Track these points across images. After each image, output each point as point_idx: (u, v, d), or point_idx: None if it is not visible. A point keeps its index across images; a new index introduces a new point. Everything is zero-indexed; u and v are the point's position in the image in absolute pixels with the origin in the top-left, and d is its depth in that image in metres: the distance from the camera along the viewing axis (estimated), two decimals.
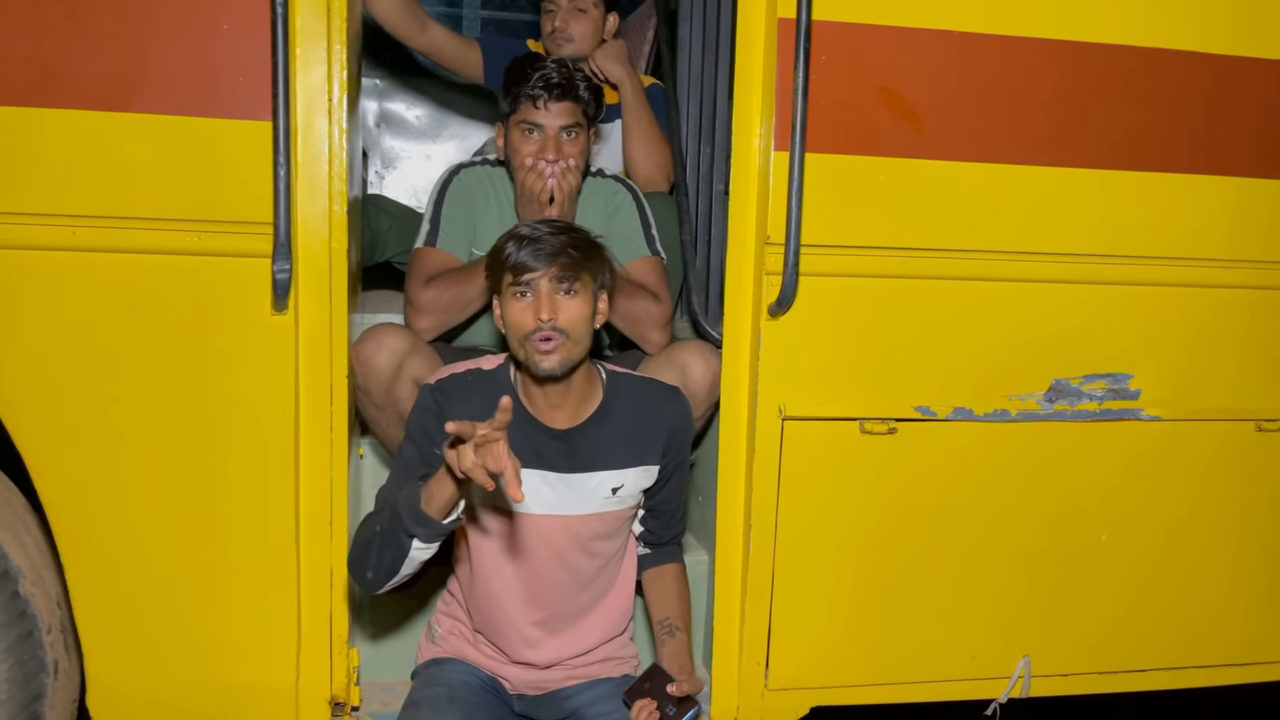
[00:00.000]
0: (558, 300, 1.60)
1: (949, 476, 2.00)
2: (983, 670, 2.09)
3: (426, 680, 1.80)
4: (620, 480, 1.73)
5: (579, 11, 2.47)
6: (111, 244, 1.63)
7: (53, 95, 1.58)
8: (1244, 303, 2.07)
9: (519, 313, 1.61)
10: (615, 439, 1.73)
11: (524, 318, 1.60)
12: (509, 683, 1.82)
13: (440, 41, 2.50)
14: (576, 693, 1.81)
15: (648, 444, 1.75)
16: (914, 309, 1.92)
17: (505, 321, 1.64)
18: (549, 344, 1.59)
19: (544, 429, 1.69)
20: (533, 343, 1.59)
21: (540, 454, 1.69)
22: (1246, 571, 2.16)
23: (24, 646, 1.81)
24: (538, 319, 1.58)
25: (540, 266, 1.59)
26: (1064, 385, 2.01)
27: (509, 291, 1.62)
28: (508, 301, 1.63)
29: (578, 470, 1.71)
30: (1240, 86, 1.99)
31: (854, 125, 1.83)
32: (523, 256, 1.59)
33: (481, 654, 1.82)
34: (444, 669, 1.81)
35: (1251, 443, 2.11)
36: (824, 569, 1.98)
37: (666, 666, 1.73)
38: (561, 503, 1.71)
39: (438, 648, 1.86)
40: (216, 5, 1.62)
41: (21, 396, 1.65)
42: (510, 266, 1.60)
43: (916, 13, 1.83)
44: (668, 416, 1.76)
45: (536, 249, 1.59)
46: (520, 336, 1.61)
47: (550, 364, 1.59)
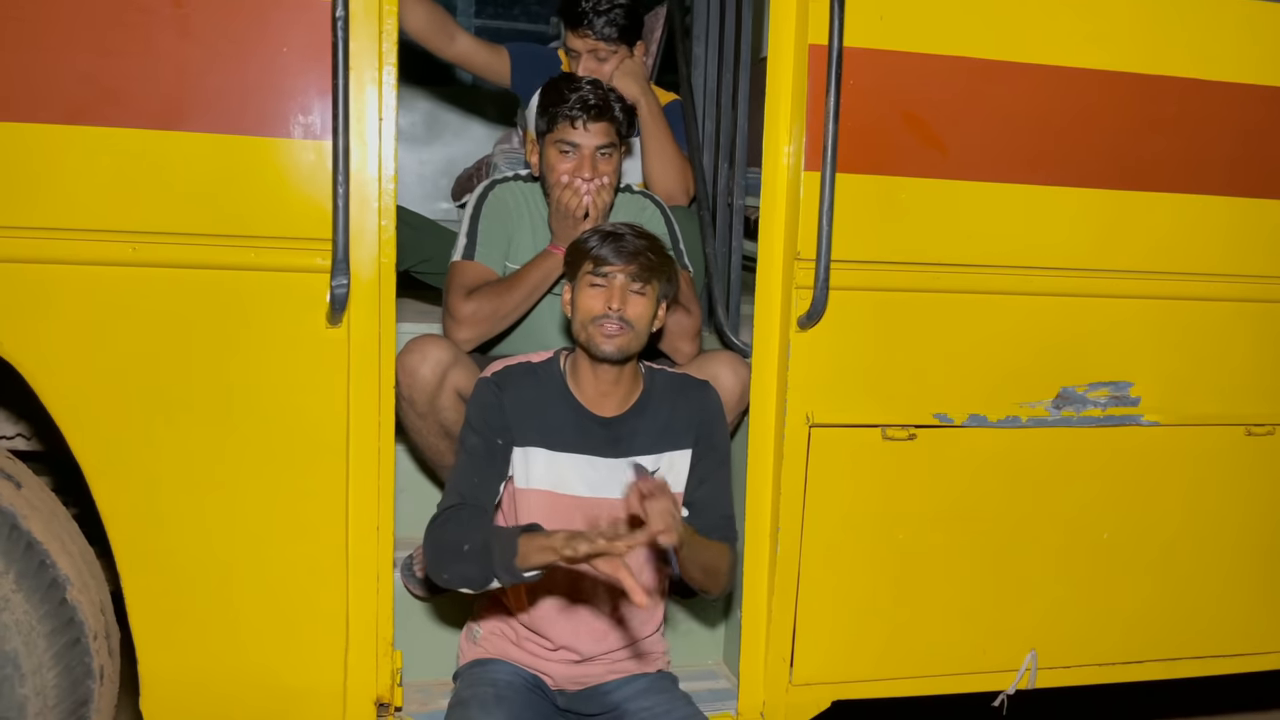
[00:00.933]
0: (629, 295, 1.76)
1: (964, 480, 2.10)
2: (992, 664, 2.20)
3: (471, 680, 1.87)
4: (655, 464, 1.86)
5: (598, 60, 2.52)
6: (171, 259, 1.68)
7: (115, 115, 1.62)
8: (1234, 314, 2.20)
9: (592, 298, 1.76)
10: (653, 427, 1.87)
11: (595, 303, 1.76)
12: (551, 679, 1.89)
13: (470, 51, 2.56)
14: (616, 687, 1.89)
15: (680, 431, 1.88)
16: (933, 321, 2.02)
17: (575, 306, 1.79)
18: (614, 330, 1.74)
19: (591, 416, 1.84)
20: (599, 326, 1.75)
21: (586, 439, 1.83)
22: (1238, 567, 2.29)
23: (72, 653, 1.85)
24: (608, 306, 1.75)
25: (620, 262, 1.75)
26: (1070, 393, 2.12)
27: (585, 279, 1.77)
28: (582, 288, 1.78)
29: (619, 455, 1.84)
30: (1233, 111, 2.11)
31: (880, 147, 1.92)
32: (605, 250, 1.75)
33: (525, 651, 1.89)
34: (488, 669, 1.88)
35: (1242, 446, 2.23)
36: (846, 569, 2.07)
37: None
38: (604, 485, 1.83)
39: (480, 649, 1.92)
40: (277, 30, 1.67)
41: (82, 408, 1.69)
42: (592, 257, 1.76)
43: (940, 41, 1.93)
44: (698, 404, 1.91)
45: (619, 246, 1.76)
46: (588, 319, 1.76)
47: (610, 348, 1.75)
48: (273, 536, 1.80)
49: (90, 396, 1.68)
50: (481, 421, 1.80)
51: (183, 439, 1.73)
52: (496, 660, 1.90)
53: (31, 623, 1.79)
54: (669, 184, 2.44)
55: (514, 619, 1.90)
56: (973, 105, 1.97)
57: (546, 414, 1.83)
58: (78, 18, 1.59)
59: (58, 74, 1.59)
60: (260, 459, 1.77)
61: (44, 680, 1.81)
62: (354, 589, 1.84)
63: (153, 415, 1.71)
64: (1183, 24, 2.06)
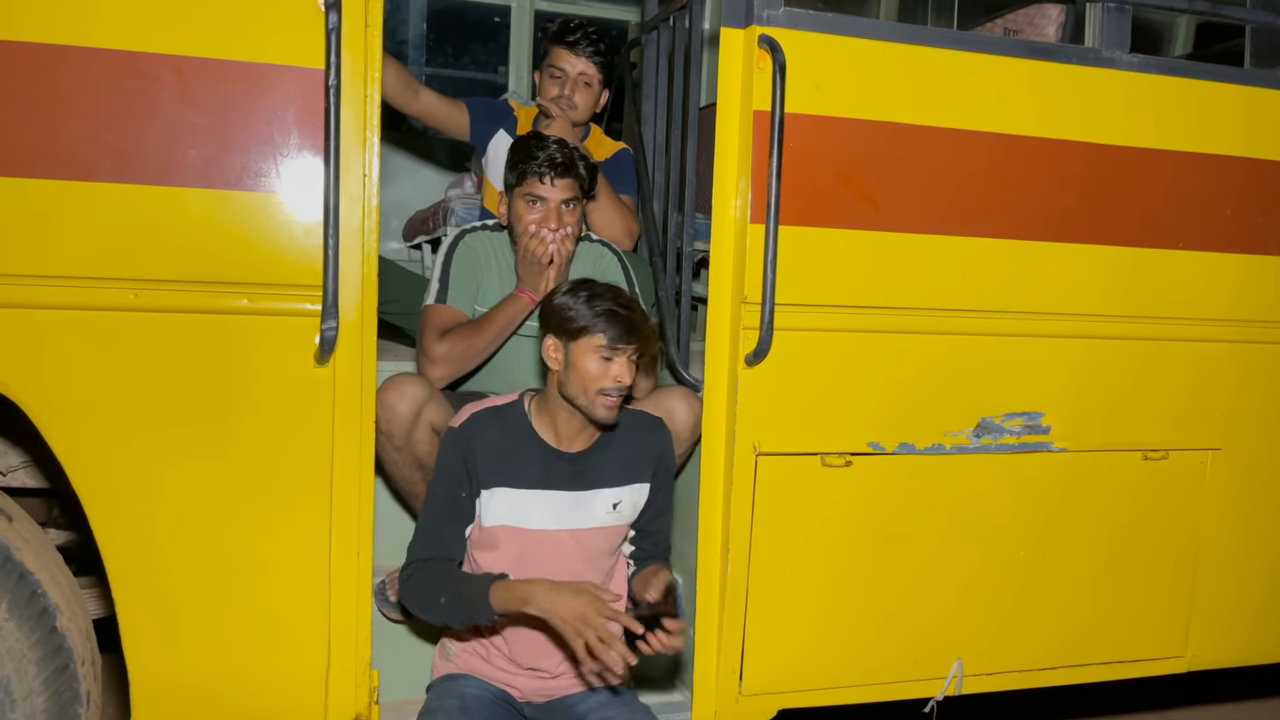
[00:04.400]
0: (631, 367, 1.91)
1: (895, 503, 2.30)
2: (924, 672, 2.39)
3: (441, 692, 2.00)
4: (619, 496, 2.02)
5: (585, 85, 2.72)
6: (170, 305, 1.80)
7: (120, 172, 1.75)
8: (1133, 351, 2.43)
9: (599, 367, 1.88)
10: (615, 461, 2.02)
11: (603, 376, 1.88)
12: (518, 691, 2.03)
13: (431, 106, 2.72)
14: (580, 699, 2.04)
15: (640, 465, 2.04)
16: (867, 358, 2.22)
17: (577, 369, 1.88)
18: (614, 403, 1.90)
19: (557, 453, 1.98)
20: (604, 397, 1.89)
21: (552, 476, 1.97)
22: (1140, 580, 2.52)
23: (61, 679, 1.93)
24: (616, 380, 1.88)
25: (633, 342, 1.89)
26: (989, 423, 2.35)
27: (594, 351, 1.87)
28: (589, 357, 1.88)
29: (585, 488, 1.99)
30: (1127, 170, 2.37)
31: (818, 202, 2.13)
32: (618, 330, 1.87)
33: (494, 667, 2.03)
34: (458, 683, 2.02)
35: (1140, 469, 2.47)
36: (790, 587, 2.25)
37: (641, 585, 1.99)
38: (571, 518, 1.98)
39: (452, 664, 2.06)
40: (271, 94, 1.81)
41: (83, 443, 1.79)
42: (603, 332, 1.86)
43: (870, 107, 2.15)
44: (656, 442, 2.07)
45: (629, 328, 1.88)
46: (593, 389, 1.88)
47: (610, 417, 1.92)
48: (260, 562, 1.91)
49: (91, 433, 1.79)
50: (448, 475, 1.93)
51: (177, 472, 1.84)
52: (466, 675, 2.03)
53: (23, 650, 1.88)
54: (614, 231, 2.61)
55: (485, 639, 2.04)
56: (899, 165, 2.19)
57: (513, 455, 1.95)
58: (87, 83, 1.72)
59: (67, 134, 1.71)
60: (250, 490, 1.88)
61: (34, 706, 1.89)
62: (335, 611, 1.96)
63: (150, 450, 1.82)
64: (1082, 94, 2.31)
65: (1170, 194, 2.40)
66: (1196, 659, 2.61)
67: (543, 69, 2.78)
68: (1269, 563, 2.62)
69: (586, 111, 2.74)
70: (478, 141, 2.84)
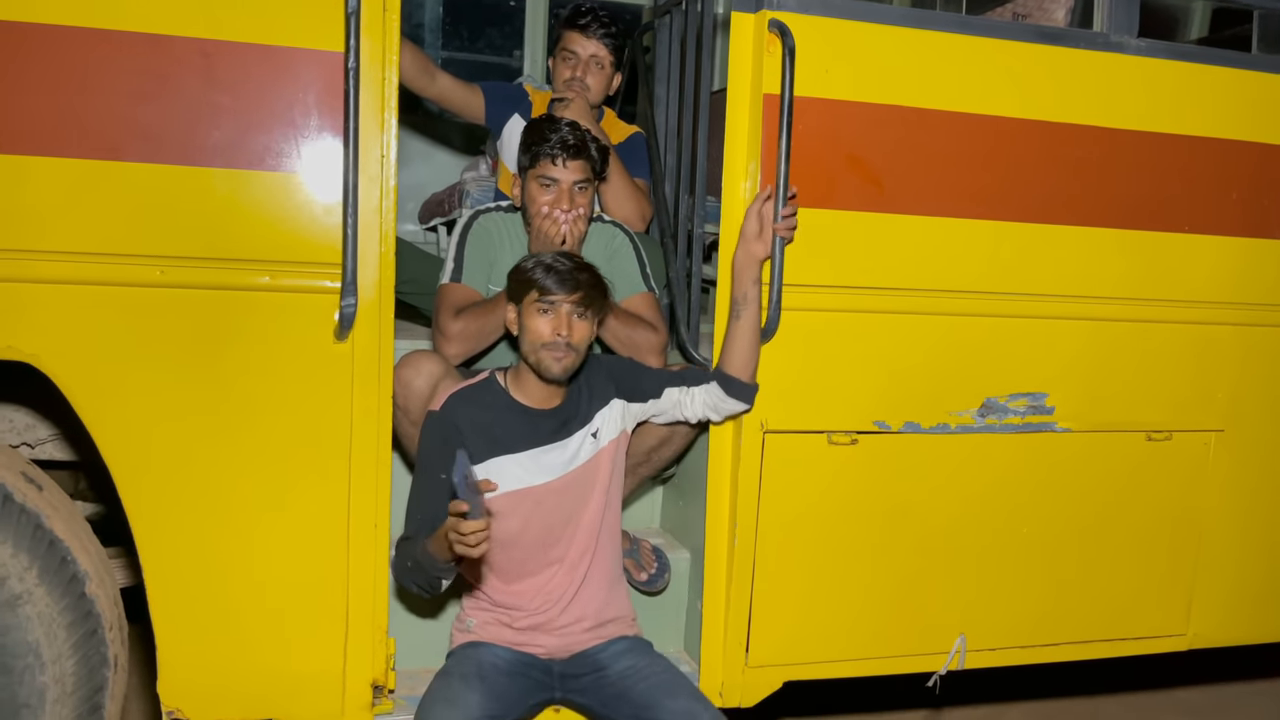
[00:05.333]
0: (573, 321, 1.97)
1: (900, 480, 2.34)
2: (927, 647, 2.44)
3: (461, 658, 2.07)
4: (594, 425, 2.12)
5: (598, 67, 2.76)
6: (194, 281, 1.86)
7: (148, 152, 1.80)
8: (1138, 333, 2.47)
9: (540, 324, 1.97)
10: (584, 399, 2.12)
11: (543, 330, 1.96)
12: (544, 649, 2.09)
13: (448, 90, 2.76)
14: (600, 650, 2.10)
15: (600, 390, 2.14)
16: (874, 338, 2.26)
17: (524, 329, 1.99)
18: (560, 354, 1.97)
19: (537, 413, 2.07)
20: (548, 351, 1.97)
21: (540, 433, 2.06)
22: (1144, 559, 2.56)
23: (89, 643, 2.00)
24: (556, 334, 1.96)
25: (564, 293, 1.96)
26: (994, 403, 2.39)
27: (533, 306, 1.97)
28: (530, 314, 1.98)
29: (566, 435, 2.09)
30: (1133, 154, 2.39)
31: (826, 184, 2.17)
32: (549, 283, 1.95)
33: (518, 630, 2.09)
34: (478, 650, 2.08)
35: (1143, 450, 2.51)
36: (796, 562, 2.30)
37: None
38: (563, 464, 2.08)
39: (473, 635, 2.12)
40: (294, 77, 1.86)
41: (112, 416, 1.85)
42: (538, 286, 1.96)
43: (879, 91, 2.18)
44: (603, 368, 2.17)
45: (561, 279, 1.96)
46: (537, 344, 1.97)
47: (558, 370, 1.98)
48: (282, 533, 1.97)
49: (119, 405, 1.85)
50: (430, 458, 2.01)
51: (202, 443, 1.90)
52: (488, 644, 2.09)
53: (53, 614, 1.95)
54: (626, 213, 2.66)
55: (497, 607, 2.10)
56: (907, 148, 2.22)
57: (498, 426, 2.03)
58: (117, 66, 1.77)
59: (97, 115, 1.77)
60: (272, 462, 1.94)
61: (64, 668, 1.97)
62: (354, 581, 2.02)
63: (175, 422, 1.88)
64: (1090, 78, 2.33)
65: (1176, 178, 2.42)
66: (1198, 637, 2.65)
67: (556, 53, 2.82)
68: (1271, 544, 2.65)
69: (599, 93, 2.78)
70: (493, 125, 2.89)
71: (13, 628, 1.92)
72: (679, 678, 2.07)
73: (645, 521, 2.72)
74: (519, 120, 2.81)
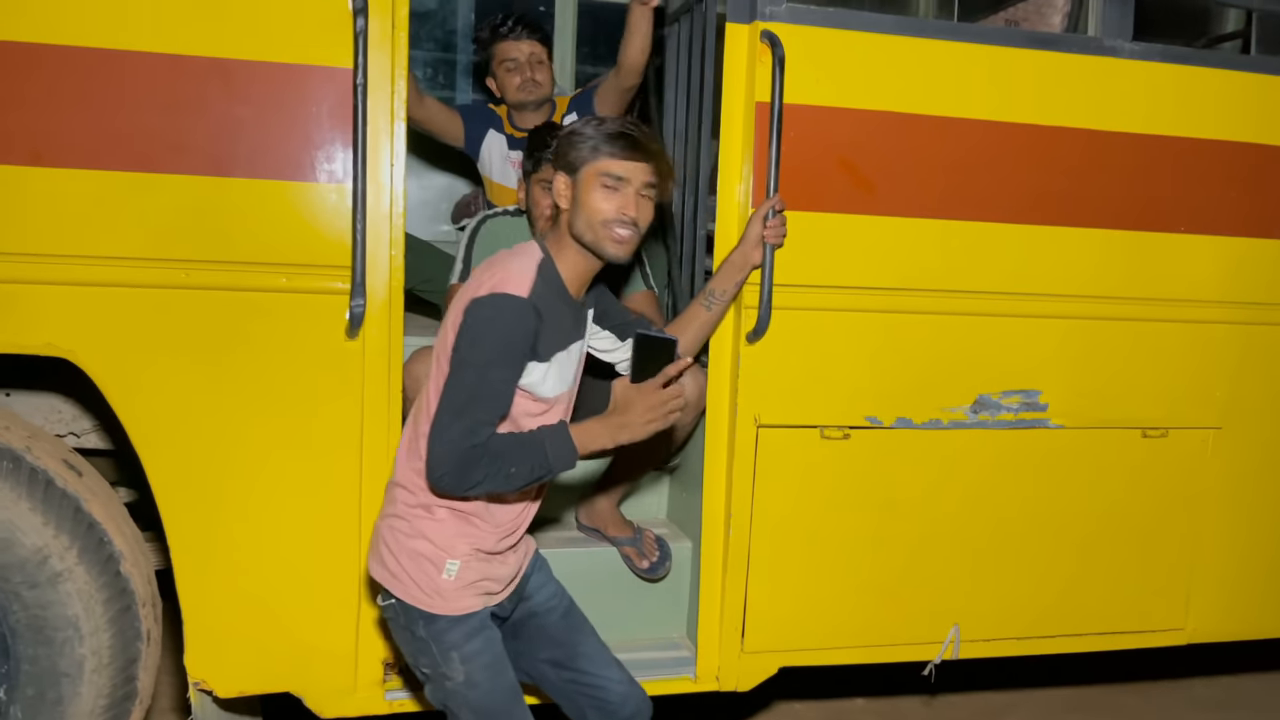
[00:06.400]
0: (641, 202, 1.80)
1: (893, 475, 2.42)
2: (921, 637, 2.52)
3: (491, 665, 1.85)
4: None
5: (539, 63, 2.96)
6: (217, 283, 2.00)
7: (175, 163, 1.95)
8: (1134, 332, 2.52)
9: (603, 200, 1.77)
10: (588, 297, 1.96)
11: (608, 206, 1.77)
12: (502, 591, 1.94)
13: (433, 112, 2.95)
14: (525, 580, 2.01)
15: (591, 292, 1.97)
16: (864, 335, 2.34)
17: (580, 203, 1.78)
18: (627, 235, 1.78)
19: (575, 303, 1.88)
20: (610, 229, 1.77)
21: (578, 327, 1.91)
22: (1137, 554, 2.61)
23: (124, 618, 2.16)
24: (622, 212, 1.77)
25: (636, 162, 1.77)
26: (986, 399, 2.45)
27: (596, 179, 1.77)
28: (591, 186, 1.77)
29: (582, 332, 1.94)
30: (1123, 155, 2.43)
31: (816, 187, 2.25)
32: (619, 148, 1.76)
33: (503, 563, 1.91)
34: (490, 636, 1.88)
35: (1139, 446, 2.56)
36: (790, 552, 2.39)
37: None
38: (580, 361, 1.95)
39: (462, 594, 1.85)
40: (309, 92, 1.99)
41: (142, 408, 2.00)
42: (607, 153, 1.76)
43: (868, 97, 2.26)
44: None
45: (634, 144, 1.76)
46: (599, 221, 1.77)
47: (622, 252, 1.80)
48: (297, 518, 2.11)
49: (148, 397, 2.00)
50: (518, 351, 1.74)
51: (223, 433, 2.05)
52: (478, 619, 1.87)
53: (91, 591, 2.11)
54: None
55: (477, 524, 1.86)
56: (898, 152, 2.29)
57: (562, 318, 1.84)
58: (147, 85, 1.91)
59: (131, 130, 1.91)
60: (288, 452, 2.08)
61: (100, 641, 2.13)
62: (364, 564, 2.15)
63: (198, 413, 2.03)
64: (1083, 82, 2.38)
65: (1170, 178, 2.47)
66: (1197, 632, 2.69)
67: (494, 70, 3.00)
68: (1269, 541, 2.68)
69: (550, 83, 2.98)
70: (471, 147, 3.06)
71: (54, 603, 2.08)
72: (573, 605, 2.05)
73: (653, 512, 2.82)
74: (495, 135, 3.00)
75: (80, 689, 2.12)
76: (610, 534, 2.51)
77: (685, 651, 2.49)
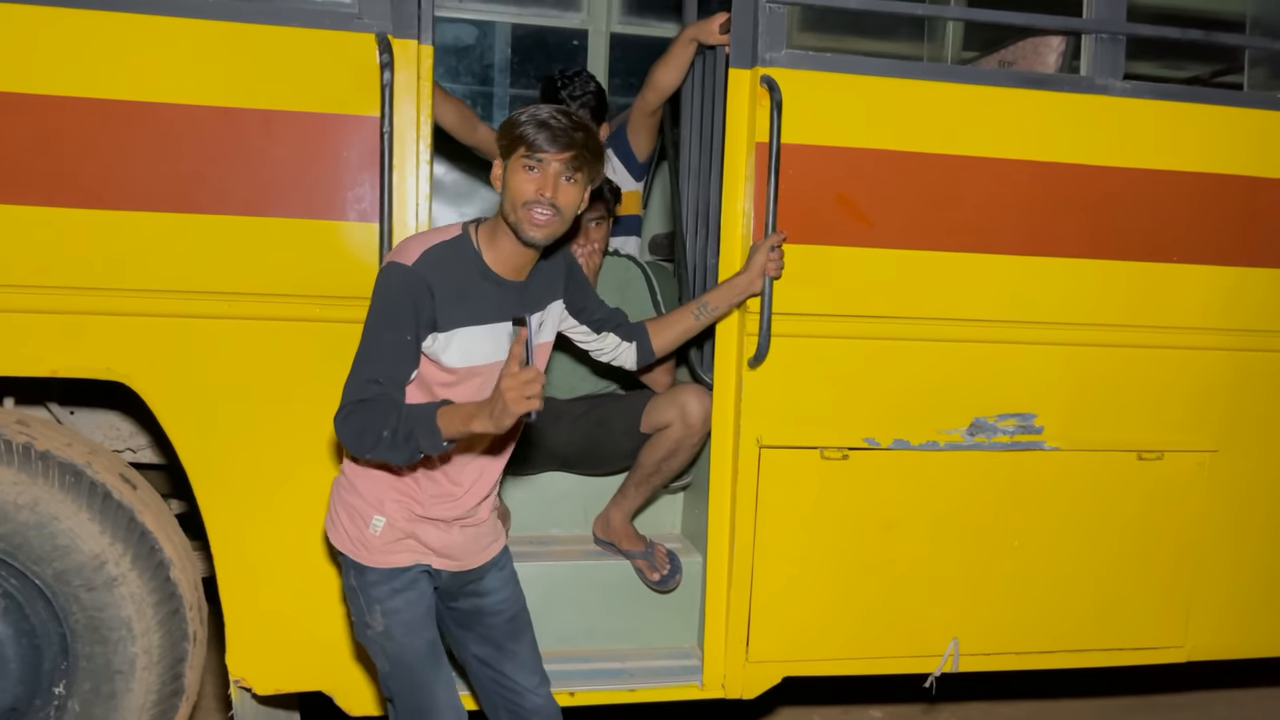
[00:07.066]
0: (560, 183, 1.84)
1: (891, 495, 2.53)
2: (921, 649, 2.62)
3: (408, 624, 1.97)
4: (544, 316, 2.05)
5: None
6: (256, 313, 2.18)
7: (219, 205, 2.14)
8: (1129, 358, 2.61)
9: (523, 182, 1.83)
10: (541, 284, 2.03)
11: (528, 188, 1.83)
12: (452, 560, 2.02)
13: (486, 139, 3.10)
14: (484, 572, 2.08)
15: (555, 281, 2.08)
16: (861, 361, 2.46)
17: (506, 186, 1.85)
18: (544, 217, 1.84)
19: (508, 284, 1.94)
20: (529, 210, 1.83)
21: (505, 306, 1.94)
22: (1136, 572, 2.68)
23: (173, 620, 2.34)
24: (539, 193, 1.82)
25: (554, 150, 1.81)
26: (983, 422, 2.56)
27: (519, 162, 1.83)
28: (515, 170, 1.84)
29: (531, 312, 1.95)
30: (1115, 188, 2.54)
31: (815, 222, 2.38)
32: (540, 138, 1.81)
33: (435, 527, 1.99)
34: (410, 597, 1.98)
35: (1134, 469, 2.64)
36: (793, 567, 2.51)
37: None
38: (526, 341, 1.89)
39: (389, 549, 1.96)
40: (340, 138, 2.18)
41: (189, 427, 2.20)
42: (526, 142, 1.82)
43: (864, 136, 2.39)
44: (561, 257, 2.10)
45: (554, 134, 1.81)
46: (519, 203, 1.83)
47: (539, 235, 1.85)
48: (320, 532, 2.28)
49: (195, 417, 2.19)
50: (395, 315, 1.84)
51: (262, 452, 2.23)
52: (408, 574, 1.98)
53: (143, 595, 2.29)
54: None
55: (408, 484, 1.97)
56: (893, 188, 2.42)
57: (470, 293, 1.90)
58: (194, 133, 2.11)
59: (179, 175, 2.12)
60: (321, 468, 2.25)
61: (150, 641, 2.31)
62: None
63: (241, 433, 2.22)
64: (1075, 120, 2.49)
65: (1162, 211, 2.56)
66: (1197, 649, 2.76)
67: None
68: (1266, 561, 2.74)
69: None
70: None
71: (109, 605, 2.27)
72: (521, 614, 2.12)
73: (667, 528, 2.96)
74: None
75: (132, 685, 2.31)
76: (624, 548, 2.66)
77: (694, 660, 2.62)
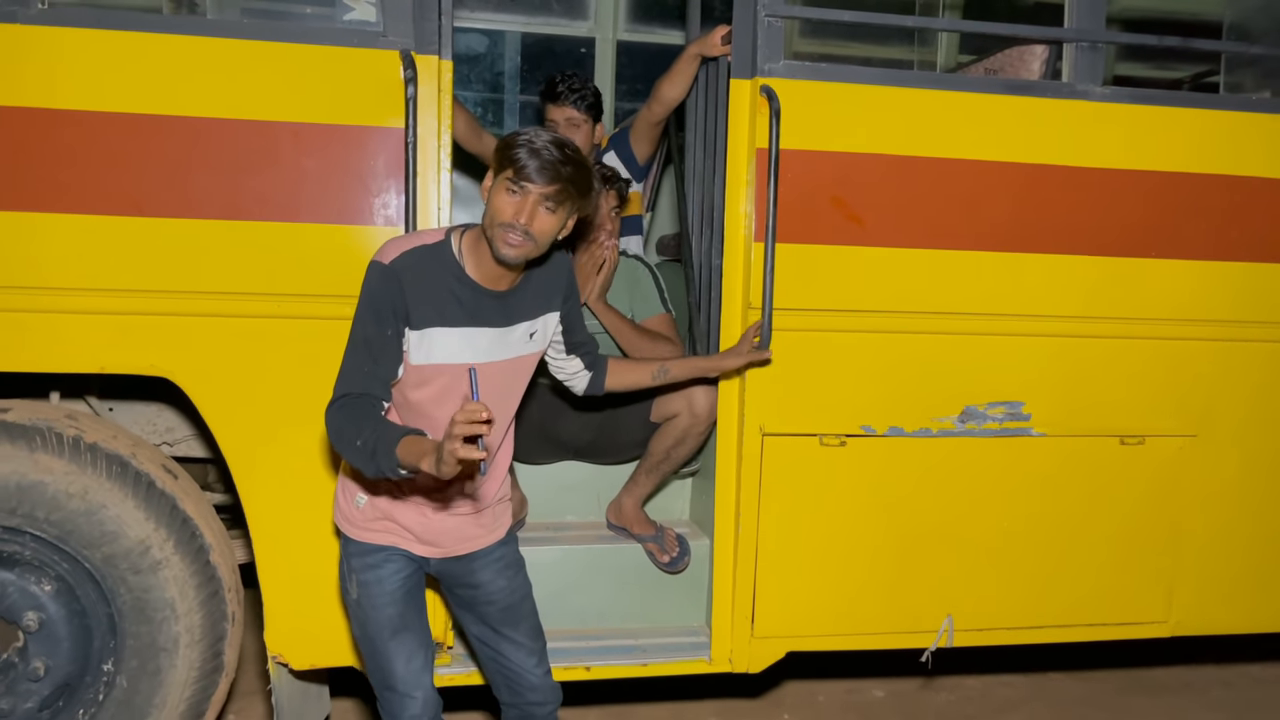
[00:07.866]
0: (539, 212, 1.88)
1: (886, 479, 2.69)
2: (918, 625, 2.77)
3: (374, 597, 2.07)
4: (534, 326, 2.09)
5: (574, 126, 3.17)
6: (295, 312, 2.34)
7: (256, 211, 2.30)
8: (1112, 348, 2.75)
9: (504, 203, 1.87)
10: (532, 294, 2.07)
11: (505, 210, 1.87)
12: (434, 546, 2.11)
13: (490, 148, 3.24)
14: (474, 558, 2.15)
15: (551, 294, 2.12)
16: (858, 353, 2.62)
17: (490, 202, 1.90)
18: (517, 241, 1.88)
19: (486, 292, 1.99)
20: (504, 232, 1.87)
21: (481, 313, 1.99)
22: (1119, 551, 2.83)
23: (213, 601, 2.50)
24: (515, 218, 1.86)
25: (540, 182, 1.85)
26: (973, 410, 2.70)
27: (504, 183, 1.87)
28: (499, 189, 1.88)
29: (509, 323, 2.04)
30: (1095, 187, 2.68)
31: (812, 223, 2.54)
32: (530, 167, 1.84)
33: (420, 512, 2.07)
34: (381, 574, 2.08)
35: (1116, 453, 2.79)
36: (795, 548, 2.66)
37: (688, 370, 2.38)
38: (495, 351, 2.03)
39: (368, 525, 2.08)
40: (367, 148, 2.34)
41: (231, 420, 2.35)
42: (515, 166, 1.85)
43: (858, 142, 2.54)
44: (560, 270, 2.14)
45: (542, 166, 1.84)
46: (496, 222, 1.88)
47: (510, 255, 1.89)
48: None
49: (236, 412, 2.35)
50: (376, 312, 1.91)
51: (298, 445, 2.38)
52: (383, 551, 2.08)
53: (185, 578, 2.45)
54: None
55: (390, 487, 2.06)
56: (886, 190, 2.57)
57: (444, 295, 1.94)
58: (233, 145, 2.27)
59: (221, 185, 2.27)
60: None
61: (192, 621, 2.47)
62: None
63: (279, 426, 2.37)
64: (1057, 123, 2.64)
65: (1142, 208, 2.71)
66: (1180, 625, 2.90)
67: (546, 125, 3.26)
68: (1244, 540, 2.88)
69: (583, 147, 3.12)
70: None
71: (154, 587, 2.43)
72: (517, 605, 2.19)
73: (677, 513, 3.12)
74: None
75: (176, 662, 2.47)
76: (635, 532, 2.81)
77: (703, 637, 2.77)
